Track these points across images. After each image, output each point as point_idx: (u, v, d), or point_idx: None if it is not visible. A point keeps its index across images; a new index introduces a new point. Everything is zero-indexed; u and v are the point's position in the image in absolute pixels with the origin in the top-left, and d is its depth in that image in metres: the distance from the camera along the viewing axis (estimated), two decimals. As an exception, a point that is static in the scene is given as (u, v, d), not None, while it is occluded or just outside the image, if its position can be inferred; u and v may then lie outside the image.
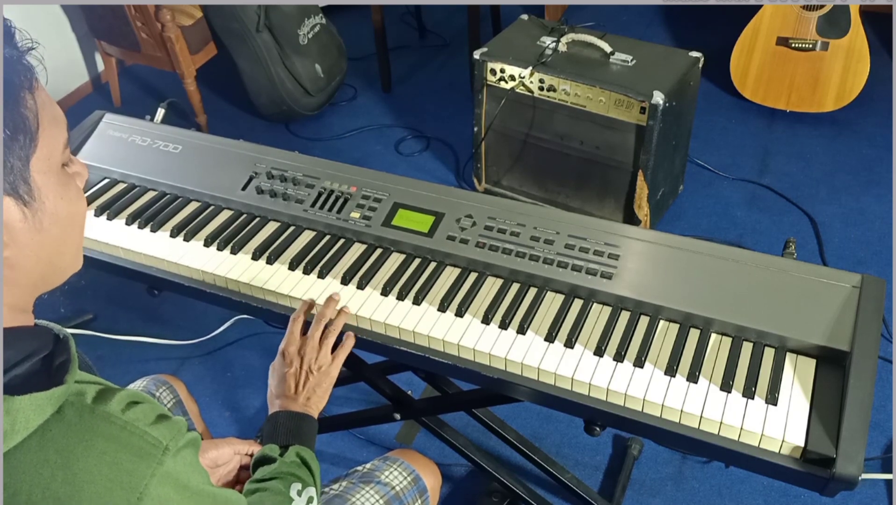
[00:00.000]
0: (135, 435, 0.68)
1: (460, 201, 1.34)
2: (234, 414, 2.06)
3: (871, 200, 2.56)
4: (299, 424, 1.10)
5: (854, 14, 2.65)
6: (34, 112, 0.67)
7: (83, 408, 0.67)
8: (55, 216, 0.70)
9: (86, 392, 0.69)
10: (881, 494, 1.77)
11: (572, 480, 1.65)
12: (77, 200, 0.75)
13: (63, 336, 0.73)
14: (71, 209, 0.73)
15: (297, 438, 1.09)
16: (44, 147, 0.68)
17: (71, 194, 0.73)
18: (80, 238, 0.78)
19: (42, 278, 0.73)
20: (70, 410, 0.67)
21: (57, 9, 3.19)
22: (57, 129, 0.71)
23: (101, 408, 0.68)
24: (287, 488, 1.00)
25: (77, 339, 1.10)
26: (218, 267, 1.33)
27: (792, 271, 1.16)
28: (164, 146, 1.52)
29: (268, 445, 1.07)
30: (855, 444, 0.97)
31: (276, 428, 1.10)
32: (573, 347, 1.15)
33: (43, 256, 0.71)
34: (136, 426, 0.68)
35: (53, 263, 0.73)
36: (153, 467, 0.68)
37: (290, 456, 1.05)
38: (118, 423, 0.68)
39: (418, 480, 1.25)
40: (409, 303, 1.24)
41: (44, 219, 0.69)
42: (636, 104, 2.16)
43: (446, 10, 3.75)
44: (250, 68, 2.95)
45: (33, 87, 0.68)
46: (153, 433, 0.69)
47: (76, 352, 0.72)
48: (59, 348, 0.71)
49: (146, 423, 0.69)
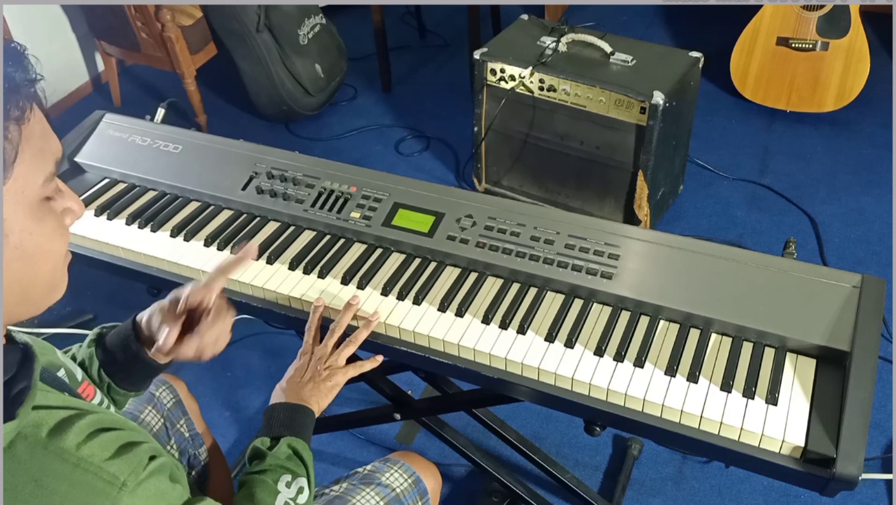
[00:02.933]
0: (88, 473, 0.66)
1: (460, 201, 1.34)
2: (234, 414, 2.06)
3: (871, 200, 2.56)
4: (293, 415, 1.09)
5: (854, 14, 2.65)
6: (14, 143, 0.64)
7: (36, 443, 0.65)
8: (19, 251, 0.67)
9: (42, 423, 0.66)
10: (881, 494, 1.77)
11: (572, 480, 1.65)
12: (52, 237, 0.70)
13: (30, 358, 0.69)
14: (43, 244, 0.69)
15: (291, 428, 1.07)
16: (18, 179, 0.66)
17: (45, 229, 0.69)
18: (55, 273, 0.73)
19: (14, 305, 0.69)
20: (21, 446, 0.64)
21: (57, 9, 3.18)
22: (40, 162, 0.68)
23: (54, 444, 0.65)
24: (275, 481, 0.99)
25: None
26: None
27: (792, 271, 1.16)
28: (164, 146, 1.52)
29: (259, 438, 1.06)
30: (855, 444, 0.97)
31: (271, 420, 1.09)
32: (573, 347, 1.15)
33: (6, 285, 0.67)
34: (90, 462, 0.66)
35: (19, 293, 0.69)
36: None
37: (282, 448, 1.03)
38: (71, 460, 0.65)
39: (419, 482, 1.25)
40: (410, 303, 1.24)
41: (6, 252, 0.66)
42: (636, 104, 2.16)
43: (446, 10, 3.75)
44: (250, 68, 2.95)
45: (22, 119, 0.65)
46: (109, 469, 0.67)
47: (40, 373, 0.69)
48: (22, 373, 0.67)
49: (103, 458, 0.67)
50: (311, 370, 1.17)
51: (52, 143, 0.70)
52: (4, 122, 0.64)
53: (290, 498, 0.99)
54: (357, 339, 1.20)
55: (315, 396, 1.14)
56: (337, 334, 1.20)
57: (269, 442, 1.05)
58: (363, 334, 1.20)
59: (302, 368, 1.17)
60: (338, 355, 1.19)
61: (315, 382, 1.15)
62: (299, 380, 1.16)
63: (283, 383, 1.16)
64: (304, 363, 1.18)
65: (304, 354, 1.19)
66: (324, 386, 1.16)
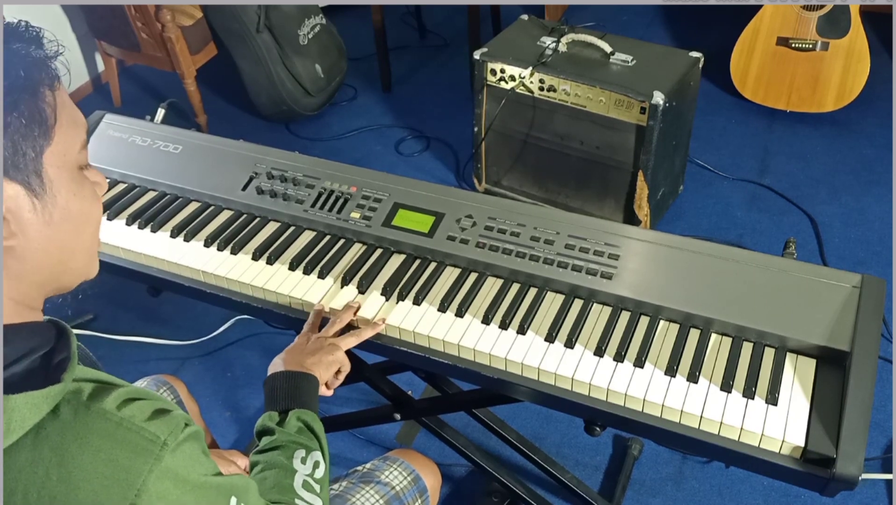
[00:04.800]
0: (131, 431, 0.68)
1: (460, 201, 1.34)
2: (234, 414, 2.06)
3: (871, 200, 2.56)
4: (297, 384, 1.06)
5: (854, 14, 2.65)
6: (52, 107, 0.69)
7: (79, 405, 0.67)
8: (66, 211, 0.71)
9: (83, 390, 0.69)
10: (881, 494, 1.77)
11: (572, 481, 1.65)
12: (92, 202, 0.75)
13: (65, 332, 0.73)
14: (84, 208, 0.74)
15: (297, 400, 1.04)
16: (59, 143, 0.69)
17: (85, 193, 0.74)
18: (94, 241, 0.78)
19: (51, 276, 0.73)
20: (66, 408, 0.67)
21: (57, 9, 3.18)
22: (75, 130, 0.72)
23: (96, 405, 0.68)
24: (290, 459, 0.97)
25: (77, 339, 1.10)
26: (218, 267, 1.33)
27: (792, 271, 1.16)
28: (164, 146, 1.52)
29: (267, 413, 1.03)
30: (855, 444, 0.97)
31: (275, 392, 1.06)
32: (573, 347, 1.15)
33: (52, 251, 0.71)
34: (132, 422, 0.68)
35: (64, 261, 0.73)
36: (150, 463, 0.67)
37: (291, 422, 1.01)
38: (114, 419, 0.67)
39: (418, 479, 1.25)
40: (409, 303, 1.24)
41: (54, 212, 0.70)
42: (636, 104, 2.16)
43: (446, 10, 3.75)
44: (250, 68, 2.95)
45: (54, 87, 0.69)
46: (150, 429, 0.68)
47: (77, 348, 0.72)
48: (60, 345, 0.70)
49: (142, 418, 0.69)
50: (314, 344, 1.15)
51: (78, 114, 0.74)
52: (40, 88, 0.68)
53: (308, 474, 0.96)
54: (361, 335, 1.19)
55: (317, 367, 1.11)
56: (337, 327, 1.19)
57: (278, 417, 1.02)
58: (367, 333, 1.19)
59: (302, 343, 1.15)
60: (339, 340, 1.17)
61: (316, 355, 1.12)
62: (301, 351, 1.13)
63: (282, 355, 1.13)
64: (304, 339, 1.17)
65: (304, 335, 1.18)
66: (325, 359, 1.12)
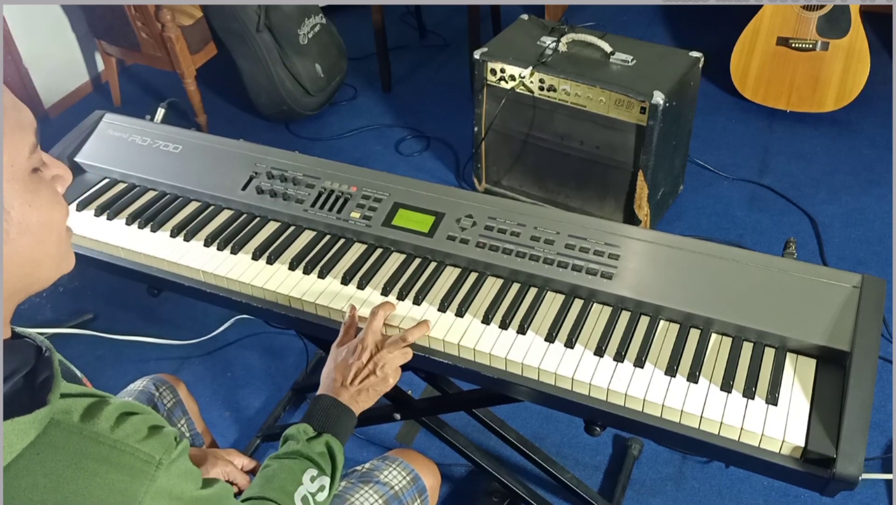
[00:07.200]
0: (126, 453, 0.67)
1: (460, 201, 1.34)
2: (234, 414, 2.06)
3: (871, 200, 2.56)
4: (340, 415, 1.09)
5: (854, 14, 2.65)
6: None
7: (70, 429, 0.66)
8: (23, 225, 0.67)
9: (72, 410, 0.67)
10: (881, 494, 1.77)
11: (572, 480, 1.65)
12: (51, 207, 0.71)
13: (45, 348, 0.70)
14: (44, 217, 0.70)
15: (335, 427, 1.07)
16: (5, 153, 0.66)
17: (42, 200, 0.70)
18: (61, 245, 0.74)
19: (19, 289, 0.70)
20: (56, 432, 0.65)
21: (57, 9, 3.18)
22: (21, 134, 0.68)
23: (89, 428, 0.66)
24: (302, 471, 0.99)
25: (77, 339, 1.10)
26: (218, 267, 1.33)
27: (792, 271, 1.16)
28: (164, 146, 1.52)
29: (304, 423, 1.06)
30: (855, 444, 0.97)
31: (323, 411, 1.08)
32: (573, 347, 1.15)
33: (13, 268, 0.68)
34: (126, 444, 0.67)
35: (29, 273, 0.70)
36: (146, 485, 0.67)
37: (320, 442, 1.03)
38: (108, 442, 0.67)
39: (417, 479, 1.25)
40: (410, 303, 1.24)
41: (10, 229, 0.66)
42: (636, 104, 2.16)
43: (446, 10, 3.75)
44: (250, 68, 2.95)
45: None
46: (145, 449, 0.68)
47: (59, 364, 0.70)
48: (42, 364, 0.68)
49: (137, 438, 0.68)
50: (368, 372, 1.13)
51: (25, 114, 0.70)
52: None
53: (310, 493, 0.98)
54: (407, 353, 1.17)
55: (364, 403, 1.13)
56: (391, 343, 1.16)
57: (313, 432, 1.05)
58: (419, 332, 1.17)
59: (361, 370, 1.13)
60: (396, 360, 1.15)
61: (368, 392, 1.13)
62: (359, 383, 1.12)
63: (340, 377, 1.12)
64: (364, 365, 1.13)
65: (364, 351, 1.14)
66: (373, 392, 1.14)
